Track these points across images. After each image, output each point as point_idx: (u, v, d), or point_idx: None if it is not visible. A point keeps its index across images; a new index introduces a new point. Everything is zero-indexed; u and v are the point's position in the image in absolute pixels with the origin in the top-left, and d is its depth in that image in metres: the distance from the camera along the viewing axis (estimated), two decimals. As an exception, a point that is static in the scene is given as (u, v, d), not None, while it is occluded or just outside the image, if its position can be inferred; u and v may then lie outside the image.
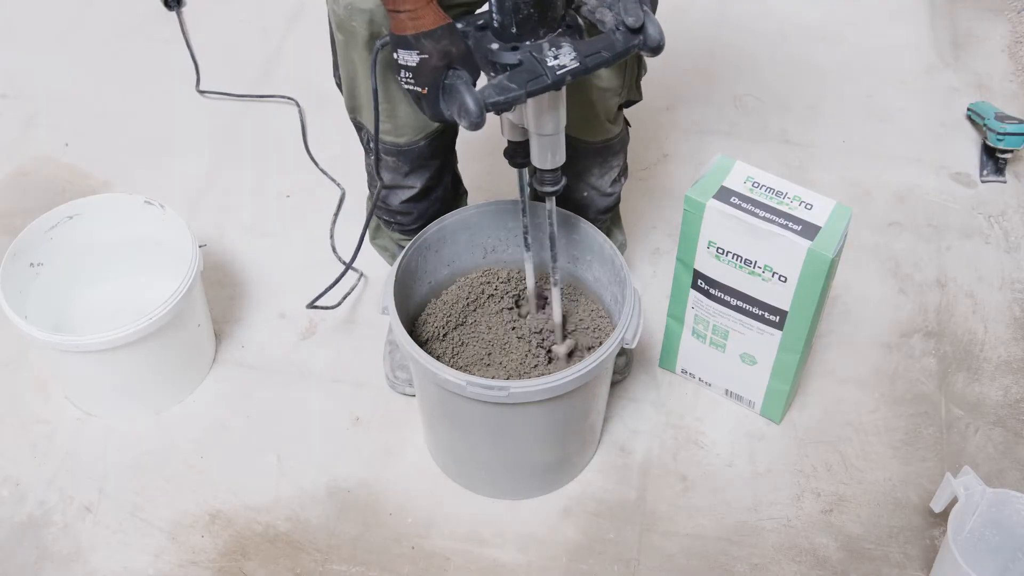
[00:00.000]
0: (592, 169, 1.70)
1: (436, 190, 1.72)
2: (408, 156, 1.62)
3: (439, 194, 1.74)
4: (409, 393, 1.86)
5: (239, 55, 2.51)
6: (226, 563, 1.67)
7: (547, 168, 1.44)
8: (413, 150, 1.61)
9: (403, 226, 1.77)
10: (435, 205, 1.74)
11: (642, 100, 1.68)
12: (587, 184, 1.73)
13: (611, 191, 1.76)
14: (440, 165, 1.68)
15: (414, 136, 1.59)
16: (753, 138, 2.32)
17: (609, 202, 1.79)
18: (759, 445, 1.80)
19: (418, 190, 1.68)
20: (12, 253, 1.77)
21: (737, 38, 2.56)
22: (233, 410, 1.86)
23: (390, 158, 1.62)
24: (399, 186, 1.67)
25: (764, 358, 1.72)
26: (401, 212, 1.73)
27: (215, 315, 1.97)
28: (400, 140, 1.59)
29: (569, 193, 1.71)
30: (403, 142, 1.59)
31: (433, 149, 1.63)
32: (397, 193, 1.69)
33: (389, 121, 1.57)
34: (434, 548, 1.69)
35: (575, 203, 1.75)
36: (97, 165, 2.28)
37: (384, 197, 1.70)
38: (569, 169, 1.51)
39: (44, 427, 1.84)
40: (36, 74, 2.48)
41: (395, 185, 1.67)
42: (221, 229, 2.14)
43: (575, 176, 1.68)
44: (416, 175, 1.66)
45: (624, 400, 1.86)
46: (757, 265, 1.60)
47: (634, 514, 1.73)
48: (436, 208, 1.75)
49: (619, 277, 1.64)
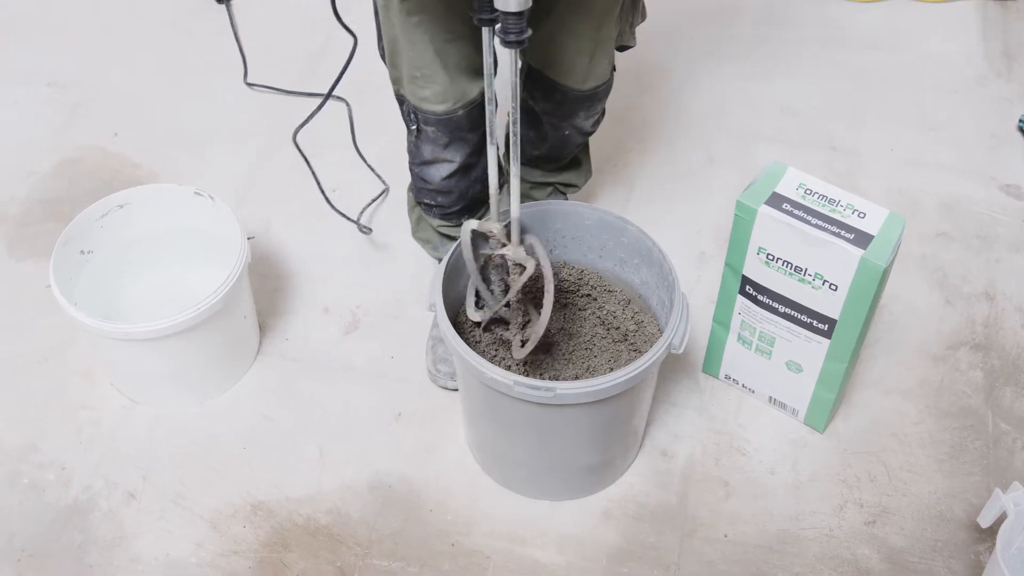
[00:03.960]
0: (579, 112, 1.76)
1: (475, 169, 1.75)
2: (447, 126, 1.65)
3: (479, 174, 1.75)
4: (451, 387, 1.86)
5: (286, 49, 2.52)
6: (267, 554, 1.68)
7: (511, 10, 1.28)
8: (452, 119, 1.64)
9: (443, 208, 1.79)
10: (475, 186, 1.77)
11: (635, 47, 1.73)
12: (571, 124, 1.79)
13: (591, 130, 1.84)
14: (479, 141, 1.70)
15: (452, 105, 1.62)
16: (800, 144, 2.30)
17: (584, 139, 1.88)
18: (802, 453, 1.79)
19: (458, 165, 1.70)
20: (64, 240, 1.79)
21: (786, 43, 2.54)
22: (277, 402, 1.87)
23: (429, 128, 1.65)
24: (439, 160, 1.70)
25: (810, 366, 1.71)
26: (441, 191, 1.75)
27: (260, 307, 1.98)
28: (438, 108, 1.62)
29: (552, 130, 1.79)
30: (441, 111, 1.62)
31: (472, 121, 1.66)
32: (438, 168, 1.71)
33: (428, 88, 1.60)
34: (474, 546, 1.69)
35: (556, 139, 1.82)
36: (145, 155, 2.30)
37: (424, 175, 1.73)
38: (556, 111, 1.71)
39: (90, 413, 1.85)
40: (85, 64, 2.51)
41: (435, 159, 1.70)
42: (266, 222, 2.15)
43: (561, 117, 1.76)
44: (455, 148, 1.68)
45: (667, 404, 1.86)
46: (807, 273, 1.59)
47: (675, 519, 1.72)
48: (476, 190, 1.77)
49: (667, 281, 1.64)
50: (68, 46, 2.55)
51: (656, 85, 2.44)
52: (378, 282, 2.05)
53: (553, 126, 1.78)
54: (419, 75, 1.58)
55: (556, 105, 1.71)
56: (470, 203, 1.80)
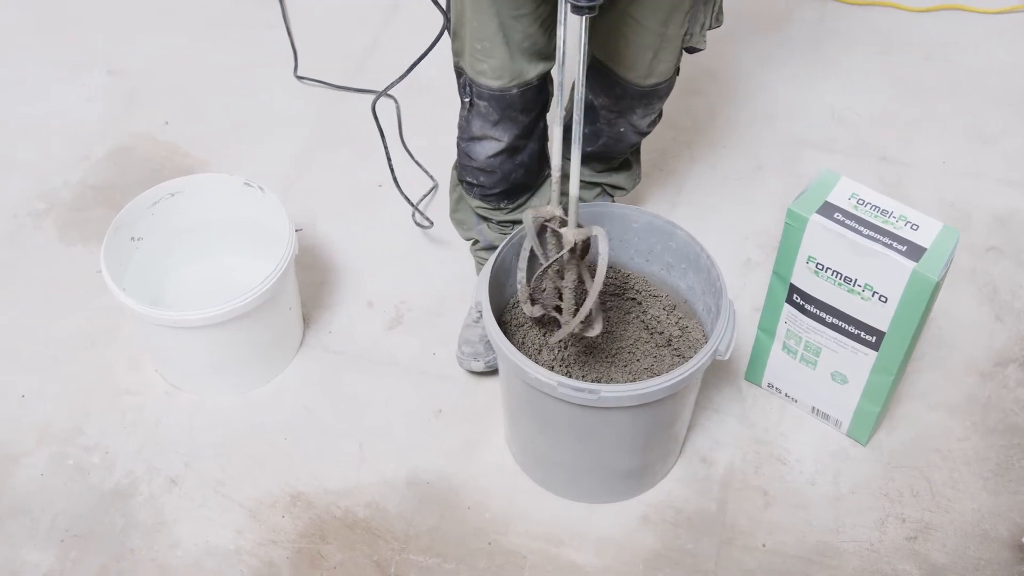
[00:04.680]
0: (636, 109, 1.76)
1: (521, 153, 1.76)
2: (499, 103, 1.66)
3: (523, 159, 1.77)
4: (475, 369, 1.88)
5: (337, 43, 2.54)
6: (305, 544, 1.69)
7: None
8: (505, 97, 1.65)
9: (484, 189, 1.80)
10: (518, 171, 1.78)
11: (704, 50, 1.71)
12: (627, 121, 1.78)
13: (647, 130, 1.82)
14: (528, 125, 1.72)
15: (508, 82, 1.64)
16: (850, 153, 2.28)
17: (639, 139, 1.87)
18: (844, 466, 1.78)
19: (504, 145, 1.72)
20: (115, 226, 1.81)
21: (839, 51, 2.52)
22: (318, 394, 1.88)
23: (482, 103, 1.67)
24: (487, 136, 1.72)
25: (856, 378, 1.70)
26: (485, 170, 1.76)
27: (304, 299, 1.99)
28: (493, 84, 1.64)
29: (607, 126, 1.78)
30: (496, 86, 1.64)
31: (524, 102, 1.67)
32: (484, 145, 1.73)
33: (486, 62, 1.61)
34: (511, 545, 1.69)
35: (610, 136, 1.81)
36: (195, 144, 2.32)
37: (470, 151, 1.75)
38: (614, 106, 1.71)
39: (134, 399, 1.88)
40: (140, 52, 2.53)
41: (483, 135, 1.71)
42: (312, 215, 2.17)
43: (618, 113, 1.76)
44: (504, 127, 1.70)
45: (708, 411, 1.85)
46: (857, 283, 1.58)
47: (713, 526, 1.71)
48: (519, 175, 1.79)
49: (715, 288, 1.63)
50: (127, 34, 2.58)
51: (706, 90, 2.43)
52: (422, 278, 2.05)
53: (609, 122, 1.78)
54: (480, 48, 1.60)
55: (615, 100, 1.71)
56: (511, 187, 1.81)
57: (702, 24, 1.66)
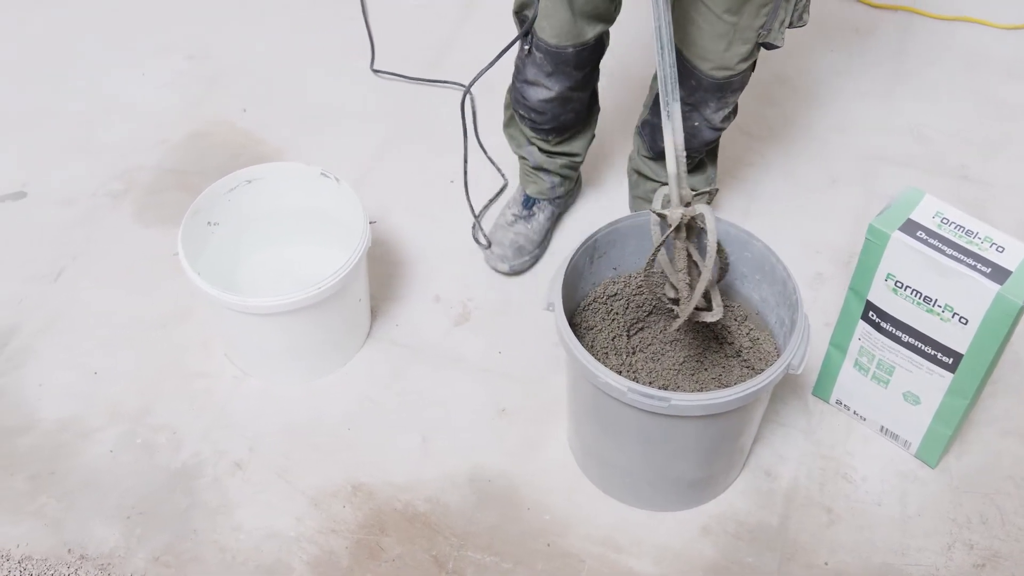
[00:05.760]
0: (709, 102, 1.77)
1: (573, 102, 1.86)
2: (555, 58, 1.75)
3: (574, 106, 1.87)
4: (500, 270, 2.02)
5: (415, 38, 2.55)
6: (364, 535, 1.70)
7: None
8: (561, 54, 1.74)
9: (535, 124, 1.91)
10: (568, 115, 1.89)
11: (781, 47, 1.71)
12: (701, 115, 1.80)
13: (721, 126, 1.83)
14: (581, 79, 1.80)
15: (565, 42, 1.72)
16: (929, 170, 2.24)
17: (715, 136, 1.86)
18: (911, 487, 1.75)
19: (555, 94, 1.81)
20: (193, 211, 1.83)
21: (921, 66, 2.48)
22: (383, 386, 1.89)
23: (539, 54, 1.75)
24: (539, 84, 1.81)
25: (929, 399, 1.67)
26: (536, 110, 1.86)
27: (373, 291, 2.00)
28: (551, 41, 1.72)
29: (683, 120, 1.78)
30: (553, 44, 1.72)
31: (579, 60, 1.76)
32: (537, 90, 1.82)
33: (547, 20, 1.70)
34: (570, 548, 1.69)
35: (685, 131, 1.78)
36: (271, 132, 2.34)
37: (524, 91, 1.84)
38: (688, 98, 1.73)
39: (203, 381, 1.90)
40: (222, 39, 2.56)
41: (536, 82, 1.81)
42: (384, 207, 2.18)
43: (691, 106, 1.78)
44: (556, 79, 1.78)
45: (774, 424, 1.83)
46: (937, 304, 1.55)
47: (775, 541, 1.69)
48: (569, 118, 1.89)
49: (790, 301, 1.61)
50: (209, 21, 2.61)
51: (783, 99, 2.40)
52: (490, 276, 2.05)
53: (684, 115, 1.76)
54: (543, 5, 1.68)
55: (689, 92, 1.73)
56: (559, 126, 1.91)
57: (782, 21, 1.66)
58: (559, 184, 2.04)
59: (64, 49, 2.54)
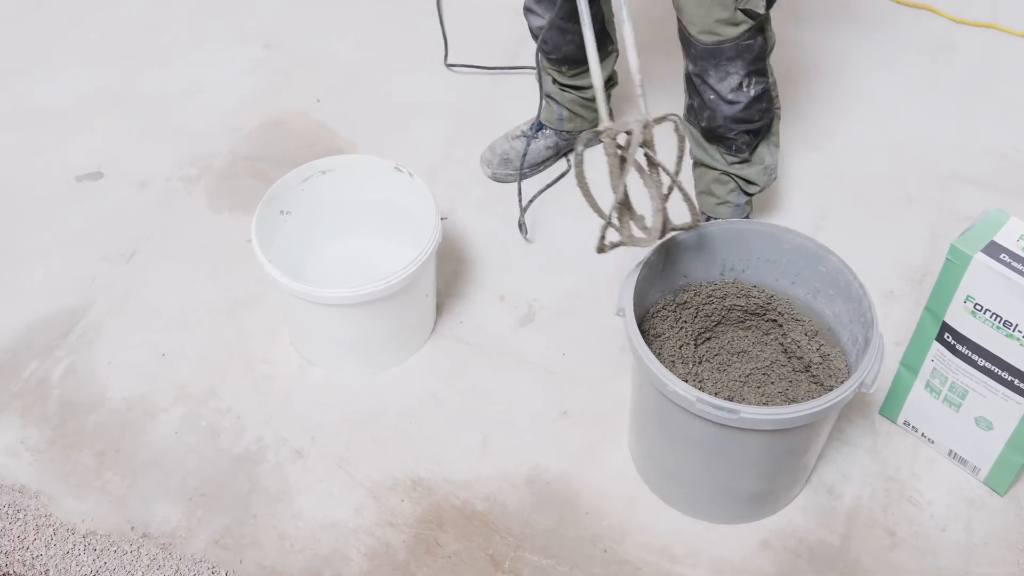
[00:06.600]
0: (708, 71, 1.78)
1: (568, 33, 1.95)
2: None
3: (572, 38, 1.94)
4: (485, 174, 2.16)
5: (488, 35, 2.55)
6: (422, 530, 1.70)
7: None
8: None
9: (545, 53, 2.02)
10: (569, 46, 1.98)
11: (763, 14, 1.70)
12: (709, 87, 1.80)
13: (732, 98, 1.79)
14: (570, 10, 1.73)
15: None
16: (1008, 192, 2.20)
17: (735, 111, 1.81)
18: (978, 514, 1.71)
19: (546, 23, 1.90)
20: (268, 199, 1.85)
21: (1003, 86, 2.43)
22: (446, 383, 1.89)
23: None
24: (532, 10, 1.96)
25: (1003, 425, 1.63)
26: (539, 37, 1.93)
27: (439, 287, 2.00)
28: None
29: (699, 96, 1.83)
30: None
31: None
32: (531, 17, 1.97)
33: None
34: (627, 555, 1.68)
35: (707, 105, 1.83)
36: (343, 124, 2.36)
37: (527, 19, 1.99)
38: (693, 67, 1.80)
39: (268, 368, 1.92)
40: (298, 29, 2.59)
41: (530, 8, 1.97)
42: (453, 203, 2.18)
43: (699, 77, 1.80)
44: (544, 6, 1.92)
45: (838, 442, 1.80)
46: (1018, 329, 1.52)
47: (835, 560, 1.67)
48: (571, 50, 1.98)
49: (864, 318, 1.58)
50: (288, 11, 2.64)
51: (860, 114, 2.37)
52: (557, 277, 2.05)
53: (699, 91, 1.82)
54: None
55: (692, 61, 1.80)
56: (564, 57, 2.01)
57: None
58: (566, 119, 2.16)
59: (146, 34, 2.58)
